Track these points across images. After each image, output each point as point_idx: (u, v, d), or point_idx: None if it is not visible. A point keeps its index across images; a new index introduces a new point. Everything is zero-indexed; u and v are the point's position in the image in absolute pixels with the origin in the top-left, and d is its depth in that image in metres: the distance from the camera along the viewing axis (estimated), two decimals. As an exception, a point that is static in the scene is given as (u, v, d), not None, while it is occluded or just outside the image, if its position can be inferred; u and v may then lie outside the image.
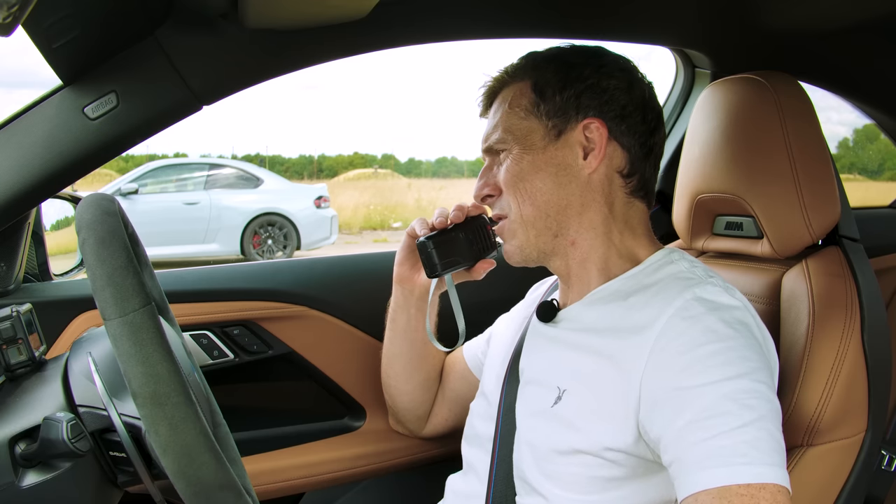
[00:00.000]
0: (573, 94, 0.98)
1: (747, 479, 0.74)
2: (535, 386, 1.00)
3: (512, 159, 1.00)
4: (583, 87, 0.98)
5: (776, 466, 0.76)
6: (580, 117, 0.98)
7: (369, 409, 1.46)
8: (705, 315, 0.86)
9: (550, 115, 0.98)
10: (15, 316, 0.85)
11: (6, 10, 0.53)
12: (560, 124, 0.98)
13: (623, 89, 0.99)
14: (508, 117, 1.01)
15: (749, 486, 0.73)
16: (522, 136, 0.99)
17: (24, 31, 0.88)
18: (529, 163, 0.98)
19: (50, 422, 0.76)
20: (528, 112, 1.00)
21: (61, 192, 1.21)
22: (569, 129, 0.98)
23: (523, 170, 0.99)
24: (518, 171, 0.99)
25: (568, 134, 0.98)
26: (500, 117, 1.02)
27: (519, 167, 0.99)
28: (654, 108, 1.02)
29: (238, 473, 0.89)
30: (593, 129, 0.97)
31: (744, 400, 0.78)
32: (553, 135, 0.98)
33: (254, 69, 1.13)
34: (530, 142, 0.99)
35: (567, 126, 0.98)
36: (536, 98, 0.99)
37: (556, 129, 0.98)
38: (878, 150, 11.61)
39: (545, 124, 0.99)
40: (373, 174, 18.68)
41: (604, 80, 0.99)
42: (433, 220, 1.12)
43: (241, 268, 1.49)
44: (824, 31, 1.40)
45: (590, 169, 0.98)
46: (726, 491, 0.73)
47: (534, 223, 0.99)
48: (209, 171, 9.05)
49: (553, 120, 0.98)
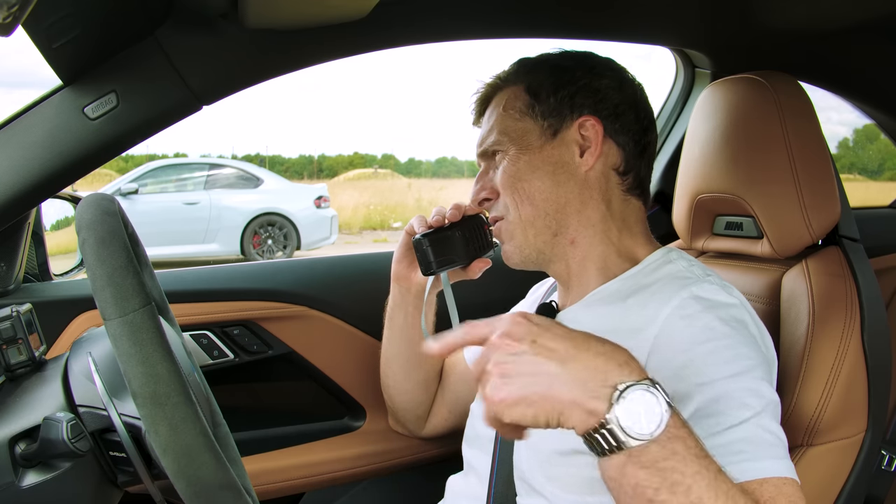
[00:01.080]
0: (567, 95, 0.99)
1: (746, 476, 0.73)
2: None
3: (508, 160, 1.00)
4: (576, 88, 0.99)
5: (777, 459, 0.75)
6: (575, 115, 0.98)
7: (369, 409, 1.46)
8: (702, 313, 0.86)
9: (546, 116, 0.99)
10: (15, 316, 0.85)
11: (6, 10, 0.53)
12: (556, 123, 0.99)
13: (615, 88, 1.00)
14: (503, 119, 1.01)
15: (749, 483, 0.73)
16: (518, 137, 1.00)
17: (24, 31, 0.88)
18: (526, 163, 0.99)
19: (50, 422, 0.76)
20: (522, 114, 1.00)
21: (61, 192, 1.21)
22: (564, 127, 0.99)
23: (520, 170, 0.99)
24: (515, 171, 0.99)
25: (564, 132, 0.99)
26: (494, 120, 1.02)
27: (516, 167, 0.99)
28: (645, 107, 1.03)
29: (238, 473, 0.89)
30: (589, 127, 0.98)
31: (742, 398, 0.78)
32: (549, 134, 0.99)
33: (254, 69, 1.13)
34: (526, 142, 0.99)
35: (562, 125, 0.99)
36: (531, 100, 1.00)
37: (551, 128, 0.99)
38: (878, 150, 11.60)
39: (541, 124, 0.99)
40: (373, 174, 18.67)
41: (596, 81, 1.00)
42: (430, 218, 1.12)
43: (241, 268, 1.49)
44: (824, 31, 1.40)
45: (586, 166, 0.98)
46: None
47: (533, 223, 0.99)
48: (209, 171, 9.05)
49: (548, 120, 0.99)
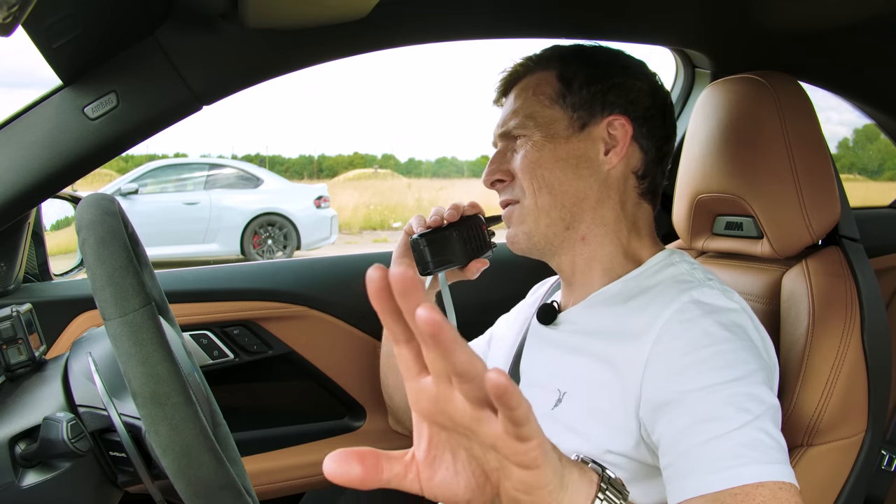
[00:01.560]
0: (600, 90, 0.98)
1: (742, 481, 0.73)
2: (535, 388, 1.00)
3: (532, 146, 0.98)
4: (610, 84, 0.98)
5: (773, 464, 0.75)
6: (606, 113, 0.97)
7: (369, 409, 1.46)
8: (702, 318, 0.86)
9: (576, 108, 0.98)
10: (15, 316, 0.86)
11: (6, 10, 0.53)
12: (585, 117, 0.98)
13: (647, 92, 0.99)
14: (531, 104, 1.00)
15: (744, 487, 0.72)
16: (546, 124, 0.98)
17: (24, 31, 0.88)
18: (550, 151, 0.97)
19: (50, 422, 0.77)
20: (552, 101, 0.99)
21: (61, 192, 1.21)
22: (593, 122, 0.98)
23: (543, 157, 0.97)
24: (538, 158, 0.98)
25: (592, 128, 0.98)
26: (520, 103, 1.01)
27: (539, 154, 0.97)
28: (671, 115, 1.03)
29: (238, 473, 0.89)
30: (618, 126, 0.97)
31: (741, 403, 0.78)
32: (577, 126, 0.98)
33: (254, 69, 1.13)
34: (553, 130, 0.98)
35: (592, 119, 0.98)
36: (562, 88, 0.99)
37: (580, 120, 0.98)
38: (878, 150, 11.61)
39: (570, 115, 0.98)
40: (373, 174, 18.67)
41: (630, 81, 0.99)
42: (429, 218, 1.11)
43: (241, 268, 1.49)
44: (824, 30, 1.40)
45: (609, 165, 0.97)
46: (722, 495, 0.73)
47: (548, 212, 0.98)
48: (209, 171, 9.05)
49: (578, 112, 0.98)
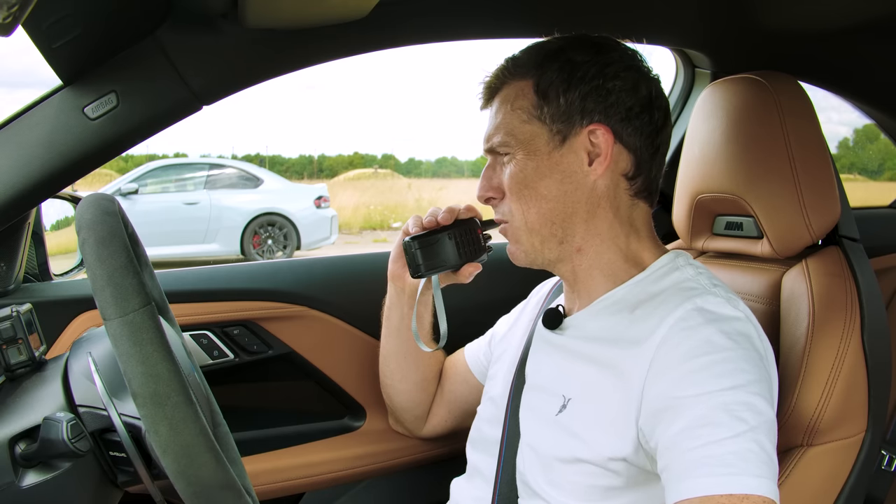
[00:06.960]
0: (577, 97, 0.95)
1: (730, 490, 0.74)
2: (540, 392, 1.00)
3: (516, 164, 0.97)
4: (587, 89, 0.95)
5: (763, 478, 0.75)
6: (585, 122, 0.95)
7: (369, 409, 1.46)
8: (704, 326, 0.85)
9: (554, 120, 0.95)
10: (15, 316, 0.85)
11: (6, 10, 0.53)
12: (564, 129, 0.95)
13: (628, 90, 0.96)
14: (511, 119, 0.98)
15: (731, 497, 0.73)
16: (526, 141, 0.96)
17: (24, 31, 0.88)
18: (534, 169, 0.96)
19: (50, 422, 0.76)
20: (530, 115, 0.96)
21: (61, 192, 1.21)
22: (573, 133, 0.95)
23: (528, 176, 0.96)
24: (522, 177, 0.96)
25: (573, 139, 0.95)
26: (501, 118, 0.99)
27: (523, 173, 0.96)
28: (660, 105, 0.99)
29: (238, 473, 0.89)
30: (599, 135, 0.95)
31: (737, 412, 0.78)
32: (557, 140, 0.96)
33: (254, 69, 1.12)
34: (534, 147, 0.96)
35: (571, 131, 0.95)
36: (539, 100, 0.96)
37: (560, 134, 0.95)
38: (878, 150, 11.59)
39: (549, 129, 0.96)
40: (373, 174, 18.65)
41: (608, 82, 0.95)
42: (425, 219, 1.10)
43: (241, 268, 1.49)
44: (824, 31, 1.40)
45: (595, 175, 0.95)
46: (708, 500, 0.74)
47: (539, 230, 0.97)
48: (209, 171, 9.04)
49: (557, 125, 0.95)
